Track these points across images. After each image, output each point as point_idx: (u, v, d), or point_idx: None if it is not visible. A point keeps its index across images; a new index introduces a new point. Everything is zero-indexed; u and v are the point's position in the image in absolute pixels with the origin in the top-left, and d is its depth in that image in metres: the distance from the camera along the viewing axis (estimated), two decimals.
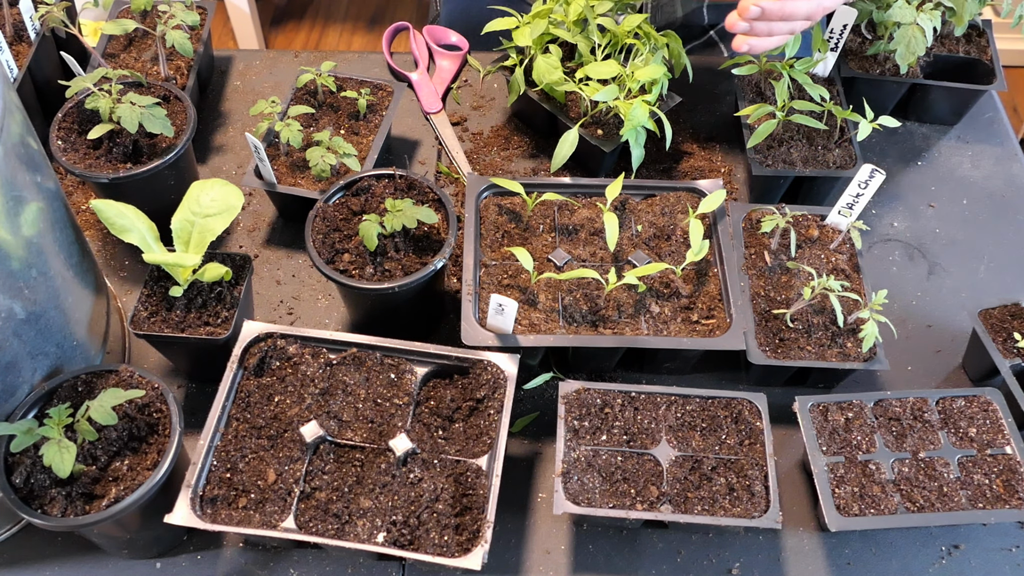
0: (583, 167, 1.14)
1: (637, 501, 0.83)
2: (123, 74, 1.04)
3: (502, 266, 0.97)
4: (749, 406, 0.89)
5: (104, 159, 1.01)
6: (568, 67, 1.12)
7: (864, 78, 1.16)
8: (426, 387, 0.90)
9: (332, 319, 1.04)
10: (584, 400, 0.89)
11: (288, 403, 0.87)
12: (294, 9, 2.96)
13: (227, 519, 0.80)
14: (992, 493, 0.85)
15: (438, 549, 0.78)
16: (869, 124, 1.04)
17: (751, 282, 0.98)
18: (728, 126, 1.22)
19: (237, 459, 0.84)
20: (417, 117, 1.23)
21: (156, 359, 0.99)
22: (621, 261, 0.98)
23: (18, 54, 1.13)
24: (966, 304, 1.06)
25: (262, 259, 1.09)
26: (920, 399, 0.91)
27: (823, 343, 0.94)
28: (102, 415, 0.78)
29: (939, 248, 1.12)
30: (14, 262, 0.76)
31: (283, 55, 1.31)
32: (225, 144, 1.20)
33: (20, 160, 0.77)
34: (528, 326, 0.92)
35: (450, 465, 0.84)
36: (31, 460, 0.79)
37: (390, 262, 0.93)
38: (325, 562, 0.87)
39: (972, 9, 1.13)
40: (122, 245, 1.08)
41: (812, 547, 0.89)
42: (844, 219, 1.00)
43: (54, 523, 0.76)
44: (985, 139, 1.23)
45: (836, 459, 0.87)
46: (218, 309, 0.92)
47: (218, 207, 0.93)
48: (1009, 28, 1.15)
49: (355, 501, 0.81)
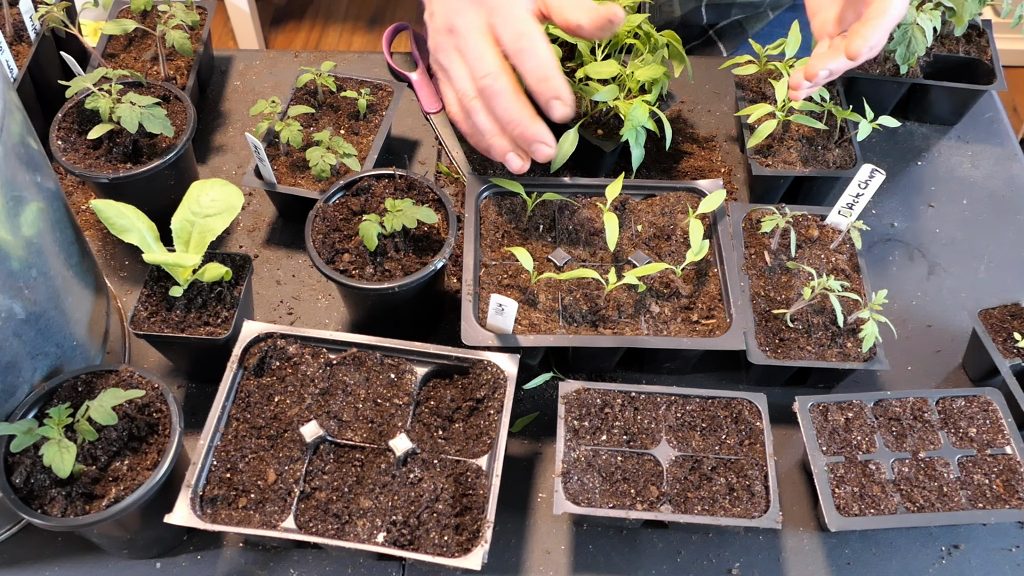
0: (583, 167, 1.14)
1: (637, 501, 0.83)
2: (123, 74, 1.04)
3: (502, 266, 0.97)
4: (749, 406, 0.89)
5: (104, 159, 1.01)
6: (568, 67, 1.12)
7: (864, 78, 1.16)
8: (426, 387, 0.90)
9: (332, 319, 1.04)
10: (584, 400, 0.89)
11: (288, 403, 0.87)
12: (294, 9, 2.96)
13: (227, 519, 0.80)
14: (992, 493, 0.85)
15: (438, 549, 0.78)
16: (869, 124, 1.04)
17: (751, 282, 0.98)
18: (728, 126, 1.22)
19: (237, 459, 0.84)
20: (417, 117, 1.23)
21: (156, 359, 1.00)
22: (621, 261, 0.98)
23: (18, 54, 1.13)
24: (966, 304, 1.06)
25: (262, 259, 1.09)
26: (920, 399, 0.91)
27: (823, 343, 0.94)
28: (102, 415, 0.78)
29: (939, 248, 1.12)
30: (14, 262, 0.76)
31: (283, 55, 1.31)
32: (225, 144, 1.20)
33: (20, 160, 0.77)
34: (528, 326, 0.92)
35: (450, 465, 0.84)
36: (31, 460, 0.79)
37: (390, 262, 0.93)
38: (325, 562, 0.87)
39: (972, 9, 1.13)
40: (122, 245, 1.08)
41: (812, 547, 0.89)
42: (844, 219, 1.00)
43: (54, 523, 0.76)
44: (985, 139, 1.23)
45: (836, 459, 0.87)
46: (218, 309, 0.92)
47: (218, 207, 0.93)
48: (1009, 28, 1.15)
49: (355, 501, 0.81)
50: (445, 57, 0.92)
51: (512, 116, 0.87)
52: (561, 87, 0.87)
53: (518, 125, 0.87)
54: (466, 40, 0.88)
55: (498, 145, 0.89)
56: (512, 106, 0.86)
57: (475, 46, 0.88)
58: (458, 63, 0.90)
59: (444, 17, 0.91)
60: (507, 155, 0.89)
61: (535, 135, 0.87)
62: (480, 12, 0.89)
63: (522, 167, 0.90)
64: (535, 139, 0.87)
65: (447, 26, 0.91)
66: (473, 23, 0.89)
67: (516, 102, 0.87)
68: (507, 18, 0.88)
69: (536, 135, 0.87)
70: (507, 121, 0.87)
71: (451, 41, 0.90)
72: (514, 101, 0.86)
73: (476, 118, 0.90)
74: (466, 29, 0.88)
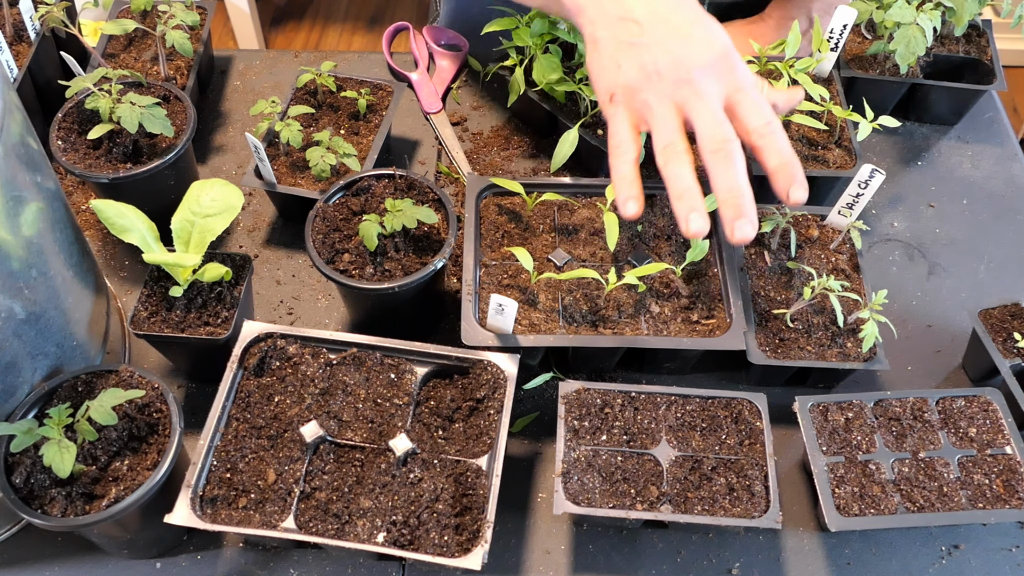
0: (583, 167, 1.14)
1: (637, 501, 0.83)
2: (123, 74, 1.04)
3: (502, 266, 0.97)
4: (749, 406, 0.89)
5: (104, 159, 1.01)
6: (568, 67, 1.12)
7: (864, 78, 1.16)
8: (426, 387, 0.90)
9: (332, 319, 1.04)
10: (584, 400, 0.89)
11: (288, 403, 0.87)
12: (294, 9, 2.96)
13: (227, 519, 0.80)
14: (992, 493, 0.85)
15: (438, 549, 0.78)
16: (869, 124, 1.04)
17: (751, 282, 0.98)
18: None
19: (237, 459, 0.84)
20: (417, 117, 1.23)
21: (156, 359, 0.99)
22: (621, 261, 0.98)
23: (18, 54, 1.13)
24: (966, 304, 1.06)
25: (262, 259, 1.09)
26: (920, 399, 0.91)
27: (823, 343, 0.94)
28: (102, 415, 0.78)
29: (939, 248, 1.12)
30: (14, 262, 0.76)
31: (283, 55, 1.31)
32: (225, 144, 1.20)
33: (20, 160, 0.77)
34: (528, 326, 0.92)
35: (450, 465, 0.84)
36: (31, 460, 0.79)
37: (390, 262, 0.93)
38: (325, 562, 0.87)
39: (972, 9, 1.13)
40: (122, 245, 1.08)
41: (812, 547, 0.89)
42: (844, 219, 1.00)
43: (54, 523, 0.76)
44: (985, 139, 1.23)
45: (836, 459, 0.87)
46: (218, 309, 0.92)
47: (218, 207, 0.93)
48: (1009, 28, 1.15)
49: (355, 501, 0.81)
50: (659, 100, 0.82)
51: (741, 186, 0.77)
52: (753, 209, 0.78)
53: (743, 197, 0.77)
54: (705, 99, 0.79)
55: (690, 201, 0.78)
56: (743, 177, 0.78)
57: (716, 108, 0.80)
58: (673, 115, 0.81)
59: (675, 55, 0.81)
60: (693, 214, 0.78)
61: (750, 212, 0.77)
62: (722, 80, 0.80)
63: (703, 231, 0.78)
64: (749, 215, 0.77)
65: (689, 69, 0.80)
66: (715, 87, 0.80)
67: (746, 177, 0.78)
68: (754, 98, 0.81)
69: (752, 212, 0.77)
70: (732, 187, 0.77)
71: (679, 91, 0.80)
72: (746, 175, 0.78)
73: (679, 170, 0.79)
74: (706, 90, 0.79)
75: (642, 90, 0.81)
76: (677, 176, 0.78)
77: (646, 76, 0.81)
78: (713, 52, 0.81)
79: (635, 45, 0.82)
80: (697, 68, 0.80)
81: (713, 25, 0.83)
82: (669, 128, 0.80)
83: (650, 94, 0.81)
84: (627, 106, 0.83)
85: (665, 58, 0.81)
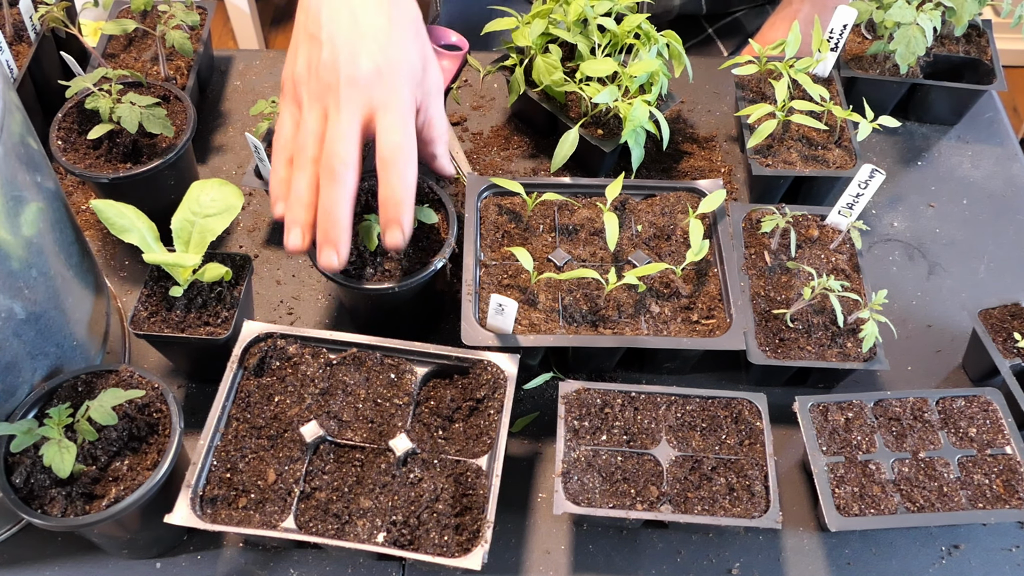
0: (583, 167, 1.14)
1: (637, 501, 0.83)
2: (123, 74, 1.04)
3: (502, 266, 0.97)
4: (749, 406, 0.89)
5: (104, 159, 1.01)
6: (568, 67, 1.12)
7: (864, 78, 1.16)
8: (426, 387, 0.90)
9: (332, 319, 1.04)
10: (584, 400, 0.89)
11: (288, 403, 0.87)
12: (294, 9, 2.95)
13: (227, 519, 0.80)
14: (992, 493, 0.85)
15: (438, 549, 0.78)
16: (869, 124, 1.04)
17: (751, 282, 0.98)
18: (728, 126, 1.22)
19: (237, 459, 0.84)
20: None
21: (156, 359, 1.00)
22: (621, 261, 0.98)
23: (18, 54, 1.13)
24: (966, 304, 1.06)
25: (262, 259, 1.09)
26: (920, 399, 0.91)
27: (823, 343, 0.94)
28: (102, 415, 0.78)
29: (939, 248, 1.12)
30: (14, 262, 0.76)
31: (283, 55, 1.30)
32: (225, 144, 1.20)
33: (20, 160, 0.77)
34: (528, 326, 0.92)
35: (450, 465, 0.84)
36: (31, 460, 0.79)
37: (390, 262, 0.93)
38: (325, 562, 0.87)
39: (972, 9, 1.13)
40: (122, 245, 1.08)
41: (812, 547, 0.89)
42: (844, 219, 1.00)
43: (54, 523, 0.76)
44: (985, 139, 1.23)
45: (836, 459, 0.87)
46: (218, 309, 0.92)
47: (218, 207, 0.93)
48: (1009, 28, 1.15)
49: (355, 501, 0.81)
50: (310, 100, 0.82)
51: (336, 211, 0.79)
52: (409, 219, 0.81)
53: (335, 224, 0.80)
54: (340, 111, 0.80)
55: (295, 212, 0.81)
56: (343, 203, 0.79)
57: (347, 124, 0.80)
58: (317, 119, 0.81)
59: (336, 57, 0.80)
60: (295, 227, 0.81)
61: (339, 241, 0.80)
62: (364, 96, 0.80)
63: (297, 248, 0.82)
64: (336, 244, 0.80)
65: (339, 75, 0.80)
66: (357, 101, 0.80)
67: (349, 204, 0.80)
68: (396, 121, 0.80)
69: (341, 241, 0.80)
70: (327, 210, 0.80)
71: (327, 95, 0.80)
72: (348, 202, 0.80)
73: (299, 177, 0.81)
74: (346, 101, 0.79)
75: (300, 84, 0.83)
76: (295, 184, 0.81)
77: (308, 71, 0.82)
78: (374, 64, 0.79)
79: (313, 38, 0.84)
80: (348, 77, 0.79)
81: (404, 38, 0.81)
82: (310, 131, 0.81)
83: (304, 91, 0.82)
84: (293, 99, 0.85)
85: (328, 57, 0.81)
